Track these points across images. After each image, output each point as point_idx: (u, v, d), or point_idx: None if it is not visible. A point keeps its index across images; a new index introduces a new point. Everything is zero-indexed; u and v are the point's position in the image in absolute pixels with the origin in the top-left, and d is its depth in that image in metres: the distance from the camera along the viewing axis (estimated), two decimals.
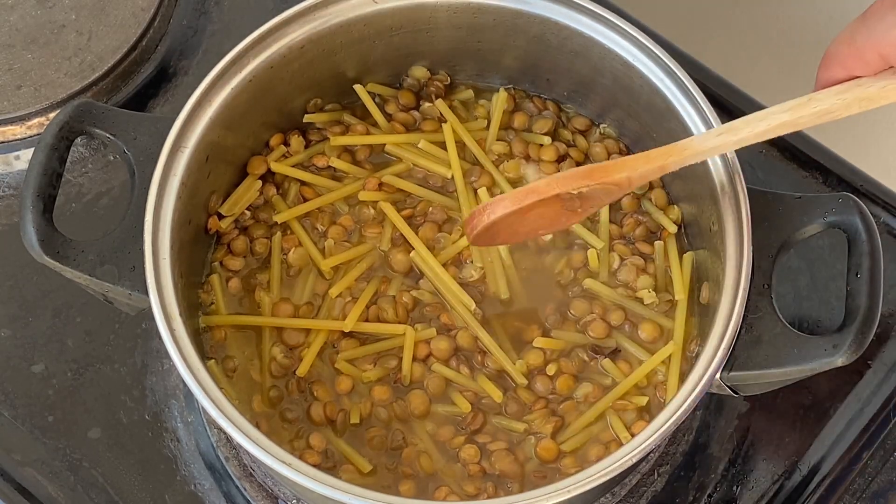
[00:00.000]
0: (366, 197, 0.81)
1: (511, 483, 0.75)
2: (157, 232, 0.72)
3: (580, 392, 0.77)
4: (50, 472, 0.83)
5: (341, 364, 0.77)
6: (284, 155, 0.83)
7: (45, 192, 0.71)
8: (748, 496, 0.83)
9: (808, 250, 0.88)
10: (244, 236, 0.81)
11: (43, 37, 0.93)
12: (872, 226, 0.71)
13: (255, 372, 0.77)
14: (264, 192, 0.82)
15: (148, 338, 0.86)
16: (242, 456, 0.82)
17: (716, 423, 0.84)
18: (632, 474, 0.82)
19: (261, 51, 0.77)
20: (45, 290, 0.87)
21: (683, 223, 0.81)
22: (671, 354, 0.76)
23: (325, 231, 0.81)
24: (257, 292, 0.79)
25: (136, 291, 0.72)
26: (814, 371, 0.70)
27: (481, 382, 0.77)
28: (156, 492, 0.83)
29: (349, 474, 0.75)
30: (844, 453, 0.83)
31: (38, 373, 0.85)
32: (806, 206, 0.73)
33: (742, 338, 0.71)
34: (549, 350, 0.78)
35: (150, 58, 0.95)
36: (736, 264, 0.72)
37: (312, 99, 0.83)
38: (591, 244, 0.80)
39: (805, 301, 0.87)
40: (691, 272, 0.79)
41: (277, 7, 0.87)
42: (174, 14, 0.97)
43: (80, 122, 0.74)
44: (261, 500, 0.82)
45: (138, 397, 0.85)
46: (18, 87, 0.91)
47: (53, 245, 0.71)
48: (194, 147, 0.75)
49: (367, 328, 0.78)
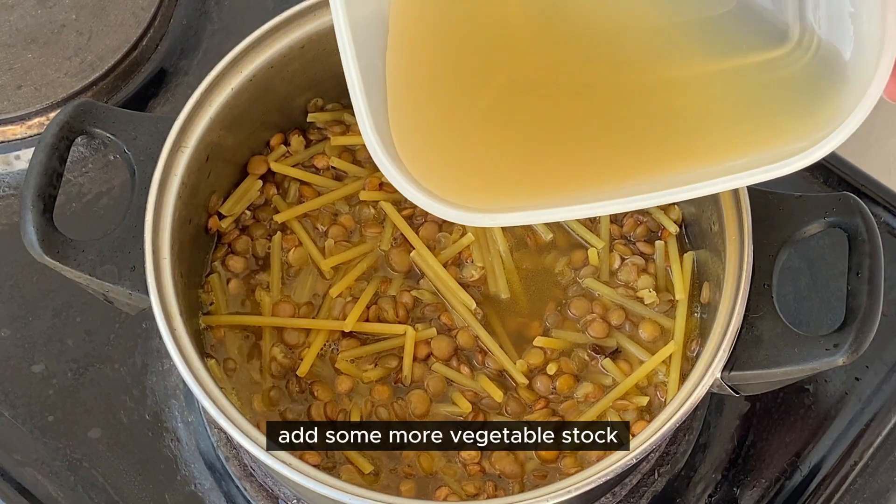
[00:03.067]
0: (366, 197, 0.81)
1: (511, 483, 0.75)
2: (158, 232, 0.72)
3: (580, 392, 0.77)
4: (50, 472, 0.83)
5: (341, 364, 0.77)
6: (285, 155, 0.83)
7: (45, 192, 0.71)
8: (749, 496, 0.83)
9: (809, 250, 0.88)
10: (244, 236, 0.81)
11: (43, 37, 0.93)
12: (873, 225, 0.71)
13: (255, 372, 0.77)
14: (265, 191, 0.82)
15: (148, 338, 0.86)
16: (242, 456, 0.82)
17: (716, 422, 0.84)
18: (632, 474, 0.82)
19: (261, 51, 0.77)
20: (45, 290, 0.87)
21: (684, 223, 0.81)
22: (671, 354, 0.76)
23: (325, 231, 0.81)
24: (257, 292, 0.79)
25: (136, 291, 0.72)
26: (814, 371, 0.70)
27: (482, 382, 0.77)
28: (156, 492, 0.83)
29: (349, 474, 0.75)
30: (844, 453, 0.83)
31: (38, 373, 0.85)
32: (806, 205, 0.73)
33: (743, 337, 0.71)
34: (550, 349, 0.78)
35: (150, 58, 0.95)
36: (736, 264, 0.72)
37: (313, 99, 0.83)
38: (591, 244, 0.80)
39: (805, 301, 0.87)
40: (692, 272, 0.79)
41: (277, 7, 0.87)
42: (174, 14, 0.97)
43: (80, 122, 0.74)
44: (261, 500, 0.82)
45: (138, 397, 0.85)
46: (19, 86, 0.91)
47: (53, 245, 0.71)
48: (194, 147, 0.75)
49: (367, 328, 0.78)
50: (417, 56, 0.66)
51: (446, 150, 0.66)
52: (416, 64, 0.66)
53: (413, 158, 0.64)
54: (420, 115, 0.65)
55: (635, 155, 0.65)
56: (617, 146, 0.65)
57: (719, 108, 0.64)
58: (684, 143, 0.64)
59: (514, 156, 0.66)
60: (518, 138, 0.66)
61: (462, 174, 0.65)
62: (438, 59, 0.66)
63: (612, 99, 0.65)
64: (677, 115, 0.65)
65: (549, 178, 0.65)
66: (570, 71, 0.66)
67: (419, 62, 0.66)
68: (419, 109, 0.65)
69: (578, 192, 0.63)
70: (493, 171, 0.66)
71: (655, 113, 0.65)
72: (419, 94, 0.66)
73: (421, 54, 0.66)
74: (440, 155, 0.65)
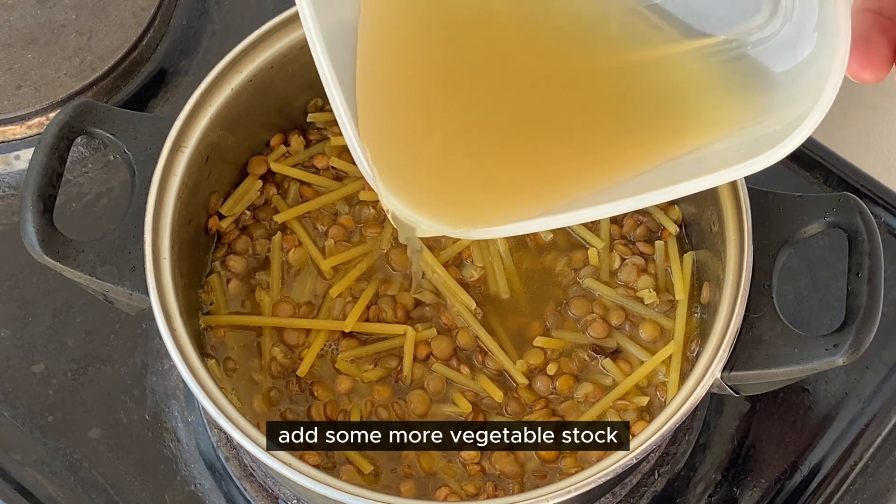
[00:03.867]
0: (366, 197, 0.81)
1: (511, 483, 0.75)
2: (158, 232, 0.72)
3: (580, 392, 0.77)
4: (50, 472, 0.83)
5: (341, 364, 0.77)
6: (285, 155, 0.83)
7: (45, 192, 0.71)
8: (749, 496, 0.83)
9: (809, 250, 0.88)
10: (244, 236, 0.81)
11: (43, 37, 0.93)
12: (873, 226, 0.71)
13: (255, 372, 0.77)
14: (265, 191, 0.82)
15: (148, 338, 0.86)
16: (242, 456, 0.82)
17: (716, 423, 0.84)
18: (632, 474, 0.82)
19: (261, 51, 0.77)
20: (45, 290, 0.87)
21: (684, 223, 0.81)
22: (671, 354, 0.76)
23: (325, 231, 0.81)
24: (257, 292, 0.79)
25: (136, 291, 0.72)
26: (814, 371, 0.70)
27: (482, 382, 0.77)
28: (156, 492, 0.83)
29: (349, 474, 0.75)
30: (844, 453, 0.83)
31: (38, 373, 0.85)
32: (806, 205, 0.73)
33: (742, 337, 0.71)
34: (550, 350, 0.78)
35: (150, 58, 0.95)
36: (736, 264, 0.72)
37: (313, 99, 0.83)
38: (591, 244, 0.80)
39: (805, 301, 0.87)
40: (692, 272, 0.79)
41: (277, 7, 0.87)
42: (174, 14, 0.97)
43: (80, 122, 0.74)
44: (261, 500, 0.82)
45: (138, 397, 0.85)
46: (18, 86, 0.91)
47: (53, 245, 0.71)
48: (194, 147, 0.75)
49: (367, 328, 0.78)
50: (386, 64, 0.65)
51: (426, 165, 0.65)
52: (385, 74, 0.65)
53: (392, 176, 0.63)
54: (394, 131, 0.65)
55: (627, 140, 0.64)
56: (607, 133, 0.64)
57: (701, 84, 0.64)
58: (674, 123, 0.63)
59: (501, 160, 0.65)
60: (503, 142, 0.65)
61: (448, 187, 0.65)
62: (407, 63, 0.65)
63: (595, 84, 0.64)
64: (662, 95, 0.64)
65: (538, 181, 0.65)
66: (549, 63, 0.65)
67: (388, 71, 0.65)
68: (393, 124, 0.65)
69: (573, 190, 0.63)
70: (481, 179, 0.65)
71: (642, 94, 0.64)
72: (392, 106, 0.65)
73: (390, 59, 0.65)
74: (419, 169, 0.65)
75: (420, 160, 0.64)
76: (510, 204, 0.64)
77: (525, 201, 0.64)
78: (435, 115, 0.64)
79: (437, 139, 0.64)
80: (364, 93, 0.63)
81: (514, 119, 0.64)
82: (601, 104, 0.64)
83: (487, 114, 0.64)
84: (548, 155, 0.64)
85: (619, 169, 0.63)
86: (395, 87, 0.65)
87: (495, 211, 0.64)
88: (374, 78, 0.64)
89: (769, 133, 0.58)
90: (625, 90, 0.64)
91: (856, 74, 0.57)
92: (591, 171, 0.63)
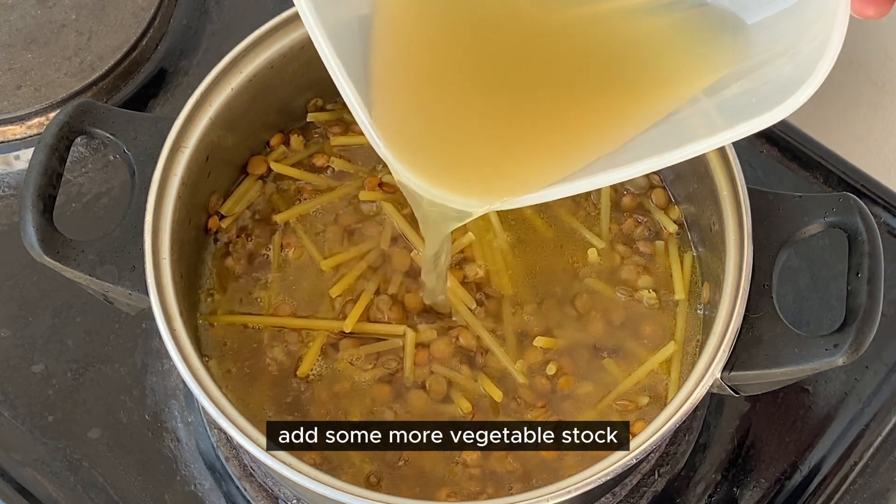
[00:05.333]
0: (366, 196, 0.81)
1: (511, 483, 0.75)
2: (157, 232, 0.72)
3: (580, 392, 0.77)
4: (50, 472, 0.83)
5: (341, 364, 0.77)
6: (285, 154, 0.83)
7: (45, 192, 0.71)
8: (749, 496, 0.83)
9: (809, 250, 0.88)
10: (244, 236, 0.81)
11: (43, 37, 0.93)
12: (873, 226, 0.71)
13: (255, 372, 0.77)
14: (265, 191, 0.82)
15: (148, 338, 0.86)
16: (242, 456, 0.82)
17: (716, 423, 0.84)
18: (632, 474, 0.82)
19: (261, 51, 0.77)
20: (45, 290, 0.87)
21: (684, 223, 0.81)
22: (672, 354, 0.76)
23: (325, 231, 0.81)
24: (257, 292, 0.79)
25: (136, 291, 0.72)
26: (814, 371, 0.70)
27: (482, 382, 0.77)
28: (156, 492, 0.83)
29: (349, 474, 0.75)
30: (844, 453, 0.83)
31: (38, 373, 0.85)
32: (806, 205, 0.73)
33: (742, 337, 0.71)
34: (550, 349, 0.78)
35: (150, 58, 0.95)
36: (736, 264, 0.72)
37: (313, 99, 0.83)
38: (591, 243, 0.80)
39: (805, 301, 0.87)
40: (692, 272, 0.79)
41: (277, 7, 0.87)
42: (174, 14, 0.97)
43: (80, 122, 0.74)
44: (261, 500, 0.82)
45: (138, 397, 0.85)
46: (18, 87, 0.91)
47: (53, 245, 0.71)
48: (194, 147, 0.75)
49: (367, 328, 0.78)
50: (403, 51, 0.65)
51: (449, 144, 0.65)
52: (401, 59, 0.65)
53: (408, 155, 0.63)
54: (407, 110, 0.65)
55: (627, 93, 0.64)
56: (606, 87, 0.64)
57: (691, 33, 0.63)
58: (660, 73, 0.63)
59: (516, 127, 0.65)
60: (517, 109, 0.64)
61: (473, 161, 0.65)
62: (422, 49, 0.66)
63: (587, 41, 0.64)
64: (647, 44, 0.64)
65: (555, 143, 0.64)
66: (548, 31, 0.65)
67: (404, 57, 0.65)
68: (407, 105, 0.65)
69: (587, 153, 0.62)
70: (503, 147, 0.65)
71: (623, 47, 0.64)
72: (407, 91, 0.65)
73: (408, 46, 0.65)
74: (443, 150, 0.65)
75: (442, 140, 0.65)
76: (532, 171, 0.64)
77: (545, 168, 0.64)
78: (450, 92, 0.65)
79: (454, 116, 0.65)
80: (381, 79, 0.64)
81: (525, 84, 0.64)
82: (597, 61, 0.64)
83: (502, 83, 0.65)
84: (559, 117, 0.64)
85: (626, 123, 0.63)
86: (411, 69, 0.65)
87: (519, 181, 0.64)
88: (391, 64, 0.64)
89: (780, 76, 0.57)
90: (609, 44, 0.64)
91: (859, 11, 0.56)
92: (599, 130, 0.64)
